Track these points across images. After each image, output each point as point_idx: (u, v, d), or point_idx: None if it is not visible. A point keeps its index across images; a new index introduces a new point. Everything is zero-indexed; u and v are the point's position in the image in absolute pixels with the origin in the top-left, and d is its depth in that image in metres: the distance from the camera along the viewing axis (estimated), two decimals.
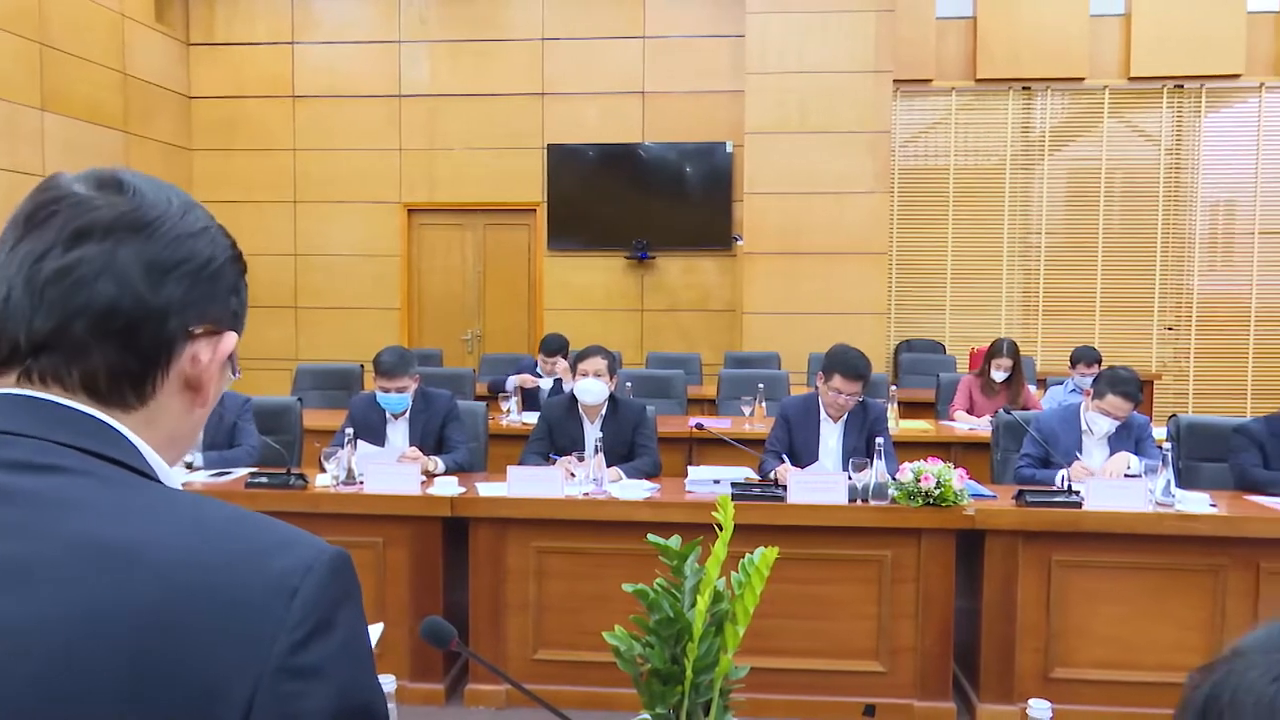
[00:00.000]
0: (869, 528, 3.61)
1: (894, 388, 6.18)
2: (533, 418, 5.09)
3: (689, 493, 3.88)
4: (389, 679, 1.60)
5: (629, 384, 5.84)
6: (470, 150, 8.90)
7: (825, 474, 3.89)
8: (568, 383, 5.68)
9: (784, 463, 4.16)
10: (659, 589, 1.54)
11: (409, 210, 9.07)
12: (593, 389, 4.32)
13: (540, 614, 3.72)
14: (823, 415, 4.30)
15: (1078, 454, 4.14)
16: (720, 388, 6.50)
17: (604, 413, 4.39)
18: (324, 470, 3.92)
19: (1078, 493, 3.65)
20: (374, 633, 1.20)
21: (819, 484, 3.69)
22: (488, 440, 4.82)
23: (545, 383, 6.17)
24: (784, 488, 3.72)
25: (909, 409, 6.18)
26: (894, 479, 3.65)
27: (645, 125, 8.74)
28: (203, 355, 0.75)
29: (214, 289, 0.76)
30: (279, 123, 9.07)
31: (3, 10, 6.78)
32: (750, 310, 7.99)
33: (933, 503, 3.55)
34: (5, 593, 0.61)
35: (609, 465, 3.98)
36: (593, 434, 4.28)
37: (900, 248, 8.69)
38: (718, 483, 3.88)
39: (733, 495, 1.93)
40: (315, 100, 9.03)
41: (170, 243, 0.73)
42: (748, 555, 1.55)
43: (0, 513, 0.64)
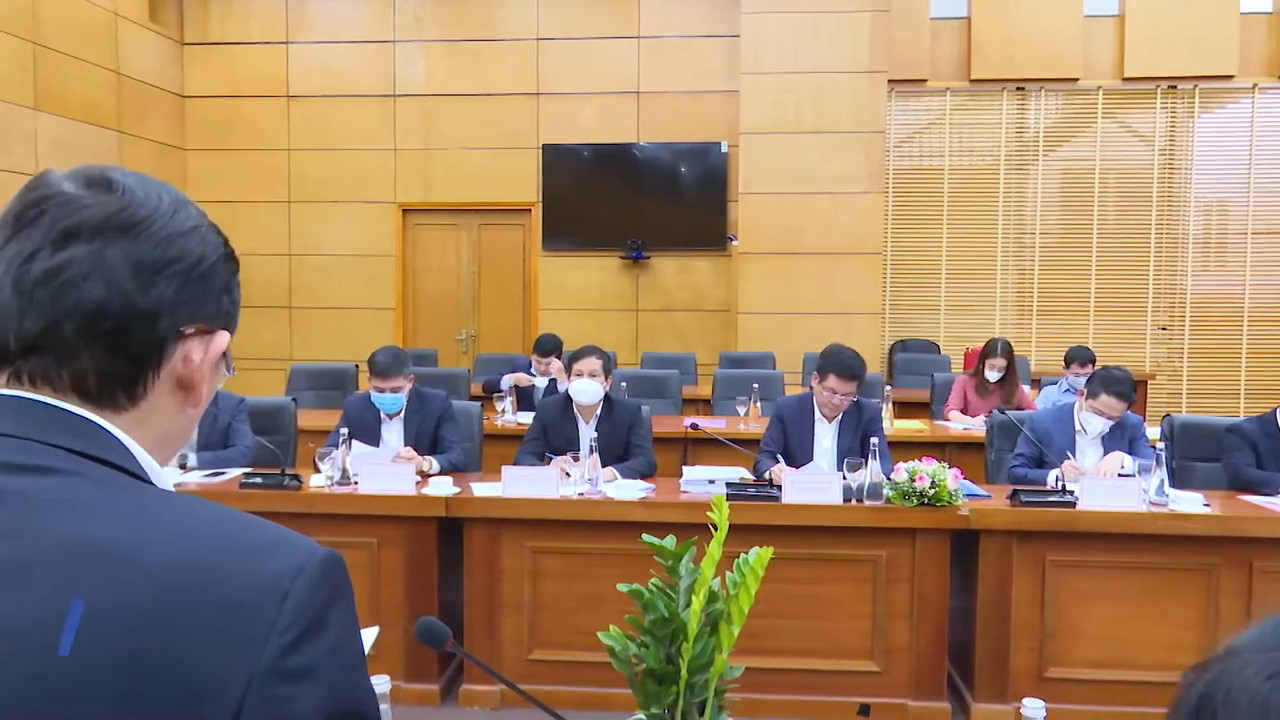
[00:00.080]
0: (864, 528, 3.62)
1: (889, 388, 6.18)
2: (527, 418, 5.09)
3: (684, 493, 3.88)
4: (383, 679, 1.59)
5: (624, 384, 5.85)
6: (465, 150, 8.89)
7: (820, 474, 3.89)
8: (562, 383, 5.68)
9: (779, 463, 4.16)
10: (654, 589, 1.54)
11: (404, 210, 9.06)
12: (588, 389, 4.32)
13: (535, 614, 3.72)
14: (817, 415, 4.30)
15: (1069, 454, 4.15)
16: (715, 388, 6.50)
17: (599, 413, 4.39)
18: (318, 470, 3.91)
19: (1072, 492, 3.66)
20: (369, 636, 1.19)
21: (814, 484, 3.69)
22: (482, 440, 4.82)
23: (540, 382, 6.17)
24: (779, 488, 3.72)
25: (904, 409, 6.19)
26: (889, 479, 3.66)
27: (640, 125, 8.74)
28: (194, 355, 0.75)
29: (205, 288, 0.75)
30: (273, 122, 9.05)
31: None
32: (745, 310, 7.99)
33: (927, 503, 3.56)
34: (1, 594, 0.61)
35: (604, 465, 3.98)
36: (588, 434, 4.28)
37: (895, 248, 8.70)
38: (713, 483, 3.88)
39: (728, 495, 1.94)
40: (310, 100, 9.02)
41: (160, 242, 0.72)
42: (743, 555, 1.55)
43: None
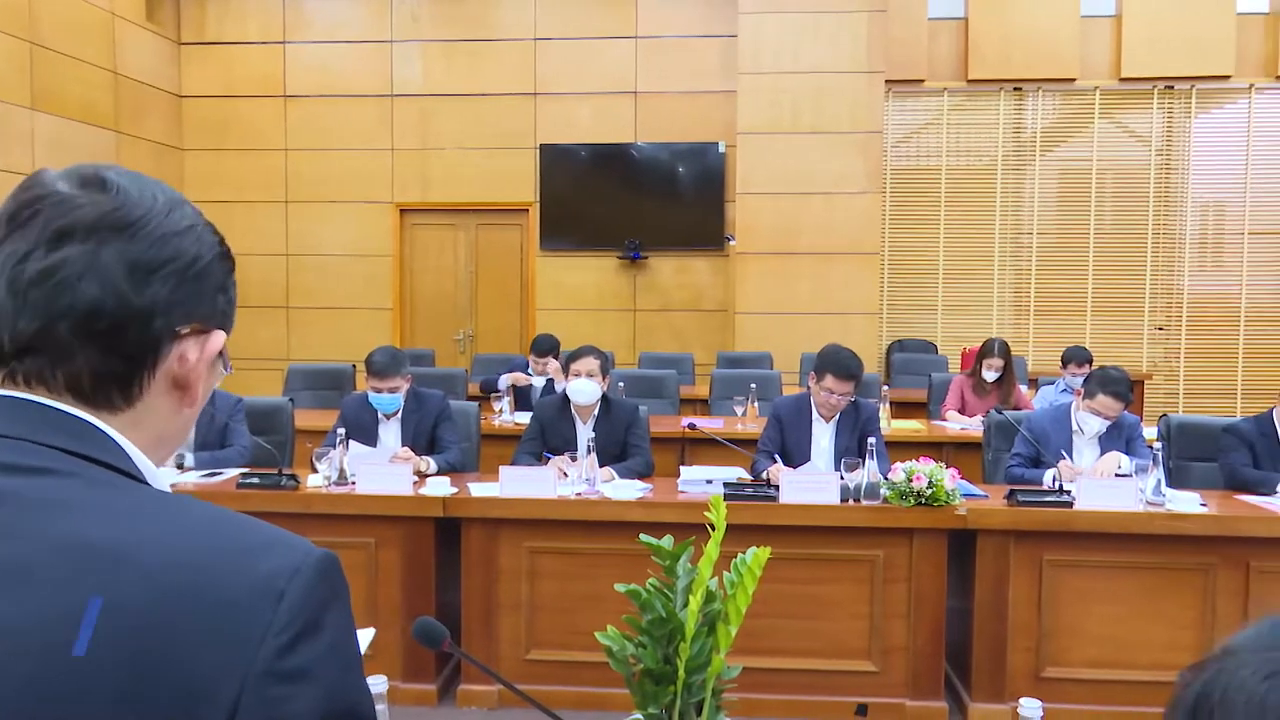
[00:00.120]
0: (861, 528, 3.62)
1: (886, 387, 6.19)
2: (525, 418, 5.08)
3: (681, 493, 3.89)
4: (381, 679, 1.59)
5: (621, 384, 5.85)
6: (463, 150, 8.89)
7: (817, 474, 3.89)
8: (559, 383, 5.68)
9: (776, 463, 4.16)
10: (651, 589, 1.54)
11: (401, 210, 9.05)
12: (585, 389, 4.31)
13: (533, 614, 3.72)
14: (815, 415, 4.30)
15: (1063, 453, 4.15)
16: (713, 388, 6.50)
17: (596, 413, 4.39)
18: (316, 471, 3.91)
19: (1069, 492, 3.67)
20: (365, 638, 1.19)
21: (811, 484, 3.69)
22: (480, 440, 4.82)
23: (537, 381, 6.17)
24: (776, 488, 3.73)
25: (901, 409, 6.19)
26: (886, 479, 3.66)
27: (638, 125, 8.74)
28: (190, 355, 0.75)
29: (200, 288, 0.75)
30: (271, 122, 9.05)
31: None
32: (742, 310, 7.99)
33: (924, 502, 3.56)
34: (1, 594, 0.61)
35: (601, 465, 3.98)
36: (585, 434, 4.28)
37: (892, 248, 8.71)
38: (710, 483, 3.88)
39: (725, 495, 1.94)
40: (307, 100, 9.01)
41: (154, 242, 0.72)
42: (740, 555, 1.55)
43: None
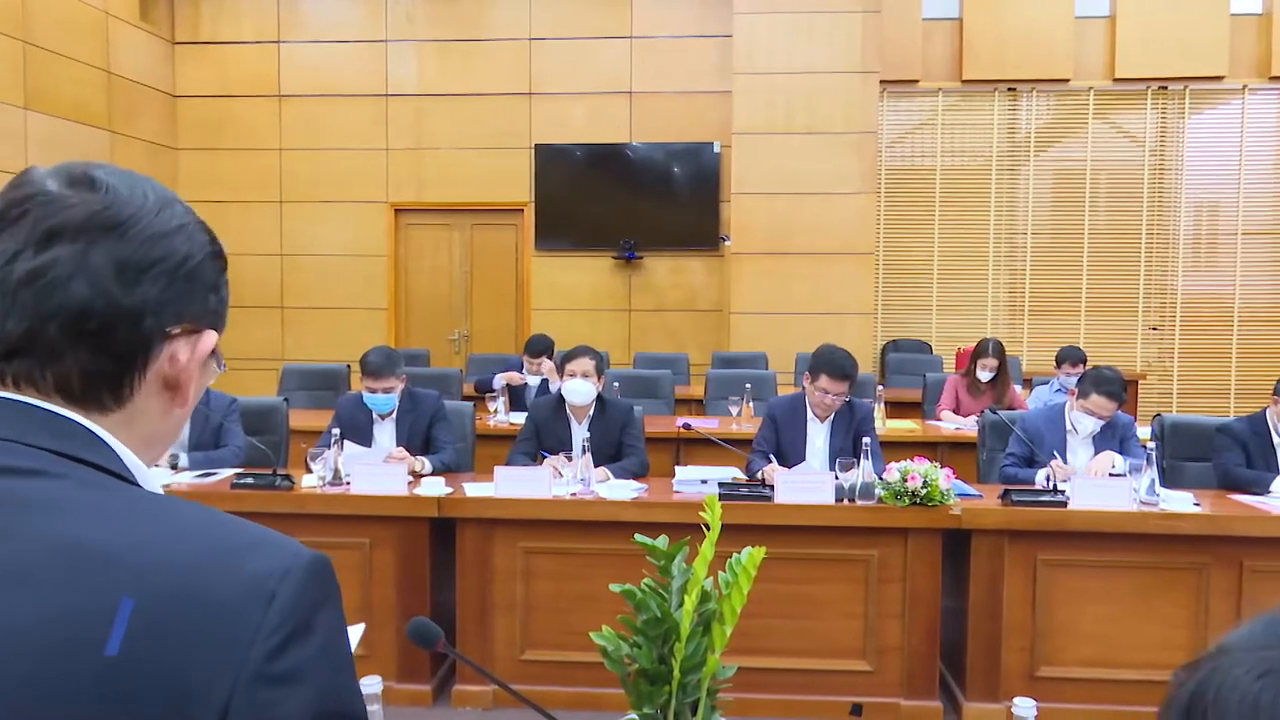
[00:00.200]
0: (856, 527, 3.62)
1: (881, 387, 6.19)
2: (520, 418, 5.08)
3: (676, 493, 3.89)
4: (375, 680, 1.59)
5: (616, 384, 5.84)
6: (457, 150, 8.88)
7: (812, 474, 3.90)
8: (553, 383, 5.68)
9: (771, 463, 4.16)
10: (646, 589, 1.54)
11: (396, 210, 9.04)
12: (580, 389, 4.31)
13: (527, 614, 3.71)
14: (810, 415, 4.30)
15: (1055, 453, 4.16)
16: (708, 388, 6.50)
17: (591, 413, 4.39)
18: (310, 471, 3.90)
19: (1063, 492, 3.67)
20: (355, 634, 1.19)
21: (806, 484, 3.70)
22: (475, 440, 4.81)
23: (532, 380, 6.17)
24: (771, 488, 3.73)
25: (896, 409, 6.20)
26: (881, 479, 3.66)
27: (633, 125, 8.74)
28: (181, 355, 0.74)
29: (191, 288, 0.74)
30: (265, 122, 9.03)
31: None
32: (737, 310, 7.99)
33: (919, 502, 3.56)
34: None
35: (596, 465, 3.98)
36: (580, 434, 4.28)
37: (887, 248, 8.72)
38: (705, 483, 3.88)
39: (720, 495, 1.94)
40: (301, 100, 8.99)
41: (144, 242, 0.71)
42: (735, 555, 1.55)
43: None
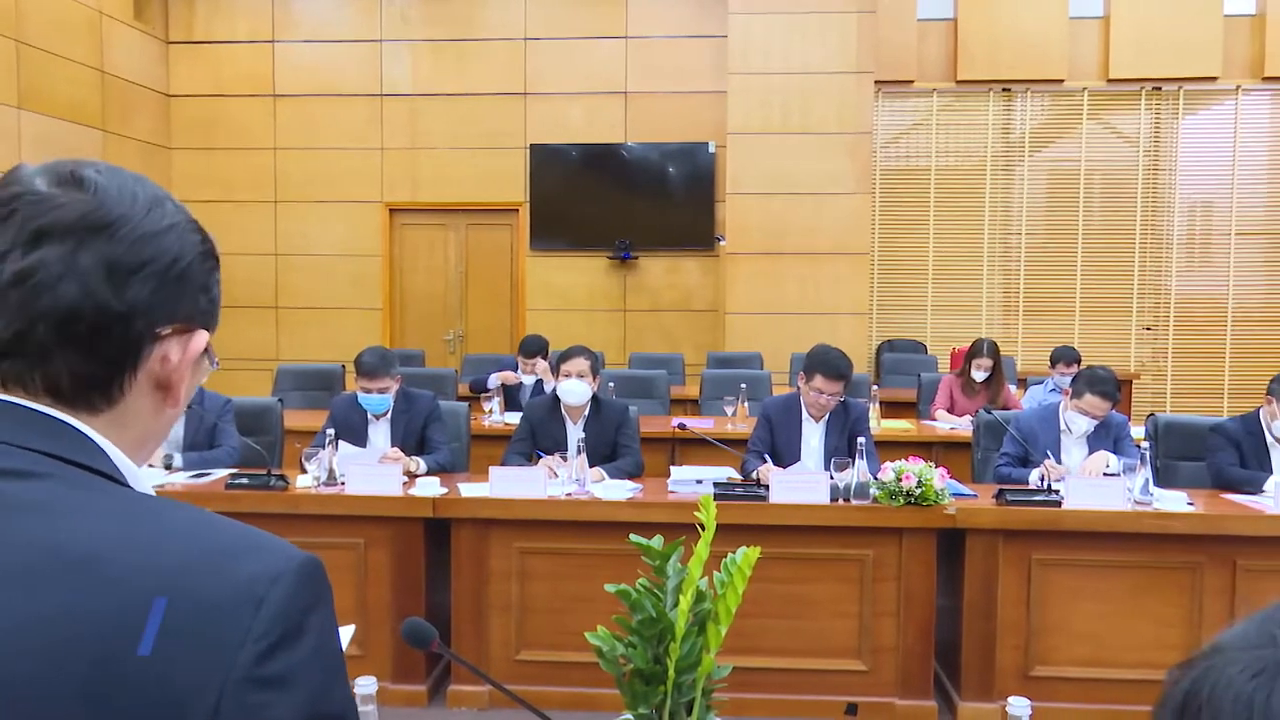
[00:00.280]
0: (851, 527, 3.62)
1: (875, 387, 6.20)
2: (515, 418, 5.08)
3: (671, 493, 3.89)
4: (370, 680, 1.59)
5: (612, 384, 5.84)
6: (452, 150, 8.87)
7: (807, 474, 3.90)
8: (548, 383, 5.68)
9: (766, 462, 4.17)
10: (641, 589, 1.54)
11: (390, 210, 9.03)
12: (576, 390, 4.31)
13: (523, 615, 3.71)
14: (805, 415, 4.31)
15: (1049, 453, 4.17)
16: (703, 388, 6.51)
17: (587, 413, 4.39)
18: (305, 471, 3.90)
19: (1057, 491, 3.68)
20: (345, 634, 1.19)
21: (801, 484, 3.70)
22: (470, 441, 4.81)
23: (527, 380, 6.16)
24: (766, 487, 3.73)
25: (890, 409, 6.21)
26: (875, 478, 3.67)
27: (628, 125, 8.74)
28: (172, 355, 0.74)
29: (182, 288, 0.74)
30: (259, 122, 9.01)
31: None
32: (733, 310, 8.00)
33: (914, 502, 3.57)
34: None
35: (591, 465, 3.98)
36: (575, 434, 4.28)
37: (882, 248, 8.73)
38: (700, 483, 3.88)
39: (715, 495, 1.94)
40: (296, 99, 8.98)
41: (134, 242, 0.71)
42: (730, 555, 1.55)
43: None
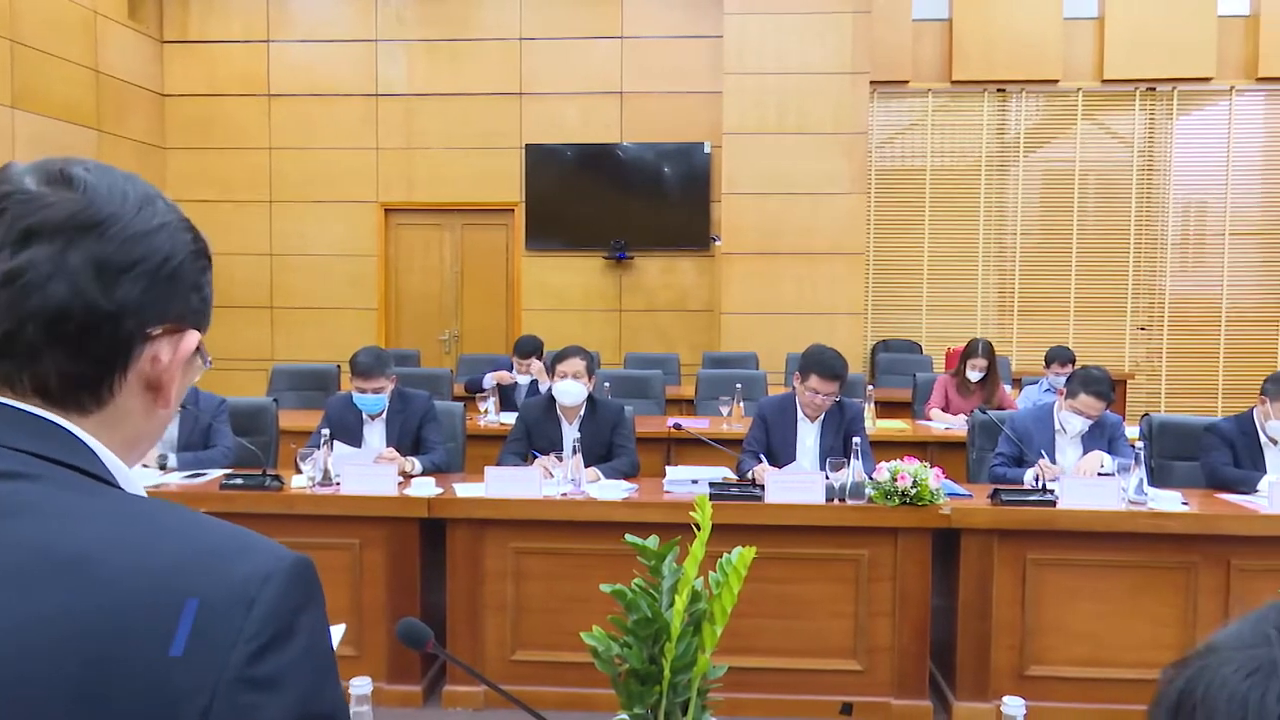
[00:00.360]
0: (846, 527, 3.63)
1: (871, 387, 6.20)
2: (510, 418, 5.07)
3: (667, 493, 3.88)
4: (365, 681, 1.59)
5: (607, 384, 5.84)
6: (448, 150, 8.87)
7: (803, 474, 3.90)
8: (543, 383, 5.67)
9: (762, 462, 4.16)
10: (637, 589, 1.54)
11: (386, 210, 9.02)
12: (571, 390, 4.31)
13: (518, 615, 3.71)
14: (800, 415, 4.31)
15: (1043, 453, 4.17)
16: (698, 388, 6.51)
17: (582, 413, 4.38)
18: (300, 471, 3.89)
19: (1052, 491, 3.69)
20: (335, 634, 1.18)
21: (796, 484, 3.70)
22: (465, 441, 4.81)
23: (522, 380, 6.16)
24: (761, 487, 3.73)
25: (886, 409, 6.21)
26: (871, 478, 3.67)
27: (623, 125, 8.74)
28: (163, 356, 0.73)
29: (173, 288, 0.73)
30: (254, 121, 9.00)
31: None
32: (728, 310, 8.00)
33: (909, 502, 3.57)
34: None
35: (587, 465, 3.98)
36: (571, 435, 4.27)
37: (877, 248, 8.74)
38: (696, 483, 3.88)
39: (710, 495, 1.94)
40: (291, 99, 8.97)
41: (124, 242, 0.70)
42: (725, 555, 1.56)
43: None
